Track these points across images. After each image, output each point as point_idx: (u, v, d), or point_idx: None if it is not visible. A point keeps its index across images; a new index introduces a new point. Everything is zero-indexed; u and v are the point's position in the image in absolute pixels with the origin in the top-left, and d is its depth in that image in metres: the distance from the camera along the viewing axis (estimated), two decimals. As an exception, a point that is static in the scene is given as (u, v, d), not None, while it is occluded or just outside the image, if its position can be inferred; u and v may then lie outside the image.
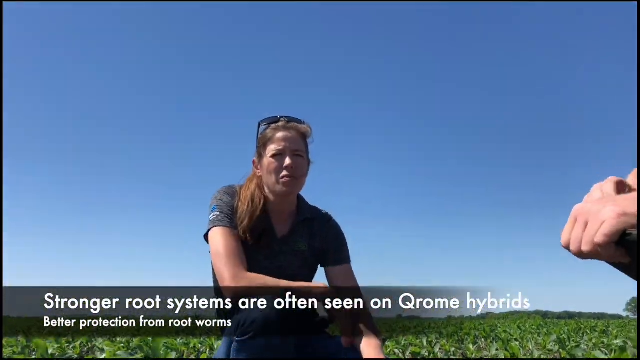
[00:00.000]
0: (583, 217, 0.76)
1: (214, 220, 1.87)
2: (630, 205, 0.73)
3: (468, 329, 12.19)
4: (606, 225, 0.72)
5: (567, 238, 0.78)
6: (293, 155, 1.91)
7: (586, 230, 0.75)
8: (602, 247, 0.73)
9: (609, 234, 0.72)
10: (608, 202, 0.75)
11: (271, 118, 1.99)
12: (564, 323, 21.76)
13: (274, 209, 1.99)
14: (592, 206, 0.76)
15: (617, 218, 0.72)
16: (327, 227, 2.08)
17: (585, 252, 0.75)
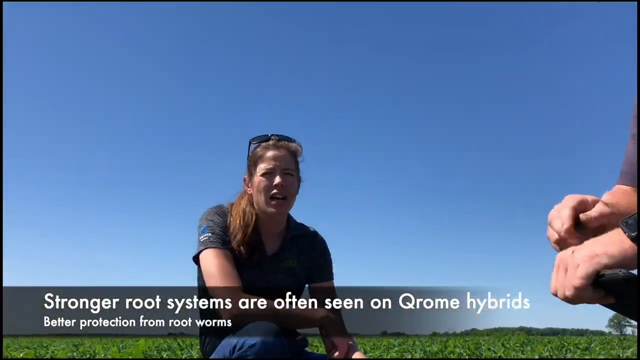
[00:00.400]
0: (563, 265, 0.82)
1: (206, 241, 1.86)
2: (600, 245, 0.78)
3: (452, 346, 12.17)
4: (580, 268, 0.78)
5: (554, 286, 0.84)
6: (283, 174, 1.92)
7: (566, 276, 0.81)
8: (580, 291, 0.78)
9: (583, 276, 0.77)
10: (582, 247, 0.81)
11: (262, 136, 2.01)
12: (547, 340, 21.83)
13: (263, 227, 2.00)
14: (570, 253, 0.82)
15: (588, 260, 0.77)
16: (315, 244, 2.10)
17: (570, 297, 0.81)
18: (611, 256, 0.76)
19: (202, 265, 1.86)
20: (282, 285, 1.99)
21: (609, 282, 0.75)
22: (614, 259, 0.76)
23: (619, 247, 0.77)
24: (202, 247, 1.86)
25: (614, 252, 0.76)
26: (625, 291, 0.75)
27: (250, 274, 1.93)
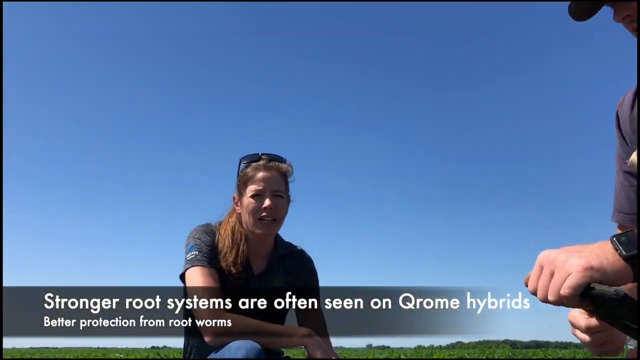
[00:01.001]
0: (549, 267, 0.78)
1: (192, 259, 1.86)
2: (595, 258, 0.75)
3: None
4: (571, 278, 0.74)
5: (534, 285, 0.81)
6: (273, 196, 1.92)
7: (552, 280, 0.77)
8: (566, 299, 0.75)
9: (574, 286, 0.73)
10: (573, 253, 0.77)
11: (252, 156, 2.01)
12: (531, 353, 21.91)
13: (251, 246, 1.99)
14: (557, 255, 0.78)
15: (582, 272, 0.73)
16: (302, 263, 2.10)
17: (552, 302, 0.78)
18: (605, 272, 0.74)
19: (187, 282, 1.85)
20: (267, 305, 1.99)
21: (599, 297, 0.73)
22: (607, 275, 0.74)
23: (612, 264, 0.75)
24: (189, 265, 1.85)
25: (608, 267, 0.74)
26: (613, 308, 0.74)
27: (236, 294, 1.92)
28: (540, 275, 0.79)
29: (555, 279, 0.76)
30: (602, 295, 0.72)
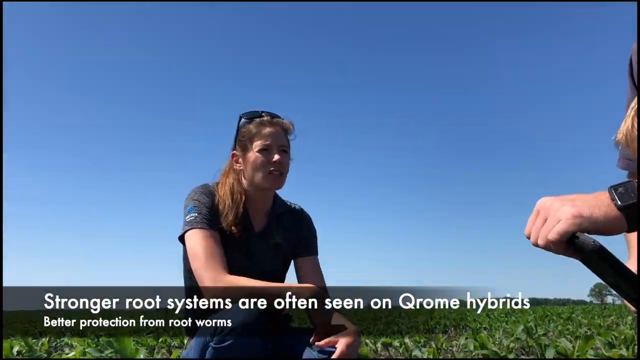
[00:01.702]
0: (544, 213, 0.82)
1: (192, 221, 1.84)
2: (587, 207, 0.78)
3: (438, 317, 12.37)
4: (560, 224, 0.77)
5: (529, 229, 0.85)
6: (279, 151, 1.92)
7: (544, 226, 0.81)
8: (553, 245, 0.79)
9: (561, 232, 0.77)
10: (567, 201, 0.80)
11: (253, 112, 1.98)
12: (531, 310, 22.27)
13: (251, 204, 1.99)
14: (552, 203, 0.81)
15: (571, 219, 0.77)
16: (301, 220, 2.11)
17: (541, 246, 0.82)
18: (595, 221, 0.76)
19: (188, 245, 1.84)
20: (268, 263, 2.00)
21: (580, 246, 0.76)
22: (596, 224, 0.77)
23: (604, 213, 0.77)
24: (188, 227, 1.84)
25: (599, 217, 0.77)
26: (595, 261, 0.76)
27: (238, 252, 1.93)
28: (535, 220, 0.83)
29: (546, 225, 0.80)
30: (583, 244, 0.76)
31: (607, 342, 3.77)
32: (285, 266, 2.08)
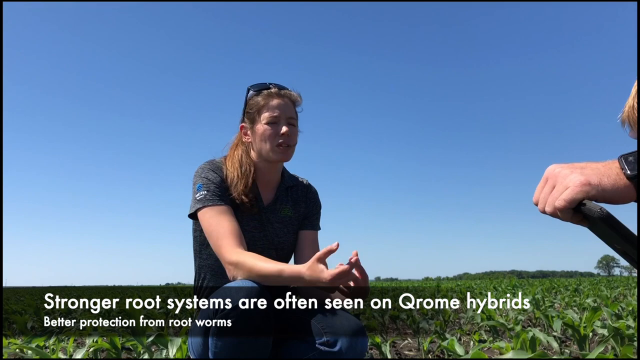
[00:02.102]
0: (552, 180, 0.82)
1: (203, 199, 1.85)
2: (595, 176, 0.78)
3: (445, 290, 12.46)
4: (568, 191, 0.78)
5: (537, 196, 0.86)
6: (288, 123, 1.92)
7: (552, 193, 0.82)
8: (560, 212, 0.80)
9: (568, 200, 0.78)
10: (577, 169, 0.80)
11: (261, 84, 1.98)
12: (538, 282, 22.36)
13: (260, 178, 2.00)
14: (561, 170, 0.82)
15: (579, 186, 0.77)
16: (308, 194, 2.12)
17: (548, 213, 0.83)
18: (603, 189, 0.77)
19: (203, 225, 1.86)
20: (278, 235, 2.01)
21: (587, 213, 0.76)
22: (604, 192, 0.77)
23: (613, 182, 0.77)
24: (200, 206, 1.85)
25: (607, 185, 0.77)
26: (602, 228, 0.77)
27: (248, 224, 1.94)
28: (544, 187, 0.84)
29: (554, 192, 0.81)
30: (590, 211, 0.76)
31: (614, 313, 3.79)
32: (295, 238, 2.09)
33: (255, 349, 1.72)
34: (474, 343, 2.96)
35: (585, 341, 2.94)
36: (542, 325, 4.48)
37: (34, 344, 2.65)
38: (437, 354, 3.14)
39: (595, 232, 0.82)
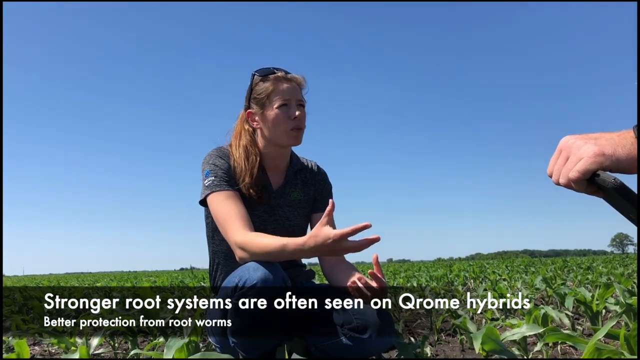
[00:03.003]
0: (566, 151, 0.82)
1: (211, 185, 1.87)
2: (610, 146, 0.77)
3: (457, 270, 12.48)
4: (582, 162, 0.78)
5: (551, 168, 0.85)
6: (298, 105, 1.93)
7: (566, 164, 0.81)
8: (574, 183, 0.79)
9: (582, 171, 0.78)
10: (590, 140, 0.80)
11: (267, 69, 1.97)
12: (550, 261, 22.29)
13: (268, 163, 2.02)
14: (575, 141, 0.81)
15: (593, 157, 0.77)
16: (317, 176, 2.14)
17: (562, 184, 0.83)
18: (617, 160, 0.76)
19: (212, 210, 1.88)
20: (288, 218, 2.03)
21: (601, 183, 0.76)
22: (618, 163, 0.77)
23: (627, 152, 0.77)
24: (208, 192, 1.87)
25: (621, 155, 0.76)
26: (616, 198, 0.77)
27: (258, 209, 1.96)
28: (557, 159, 0.84)
29: (568, 163, 0.81)
30: (604, 182, 0.76)
31: (627, 289, 3.78)
32: (307, 221, 2.12)
33: (272, 326, 1.75)
34: (486, 321, 2.97)
35: (597, 317, 2.94)
36: (555, 303, 4.48)
37: (52, 328, 2.70)
38: (450, 333, 3.15)
39: (610, 202, 0.82)
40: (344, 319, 1.77)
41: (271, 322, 1.74)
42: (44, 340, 2.76)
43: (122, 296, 6.21)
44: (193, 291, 6.94)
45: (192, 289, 7.30)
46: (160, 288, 8.01)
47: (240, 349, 1.80)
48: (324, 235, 1.52)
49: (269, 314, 1.70)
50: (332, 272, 1.98)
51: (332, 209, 1.58)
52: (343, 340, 1.76)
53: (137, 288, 7.47)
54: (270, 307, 1.68)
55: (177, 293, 6.31)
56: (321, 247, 1.54)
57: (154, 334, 3.01)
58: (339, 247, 1.51)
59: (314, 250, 1.57)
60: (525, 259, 34.95)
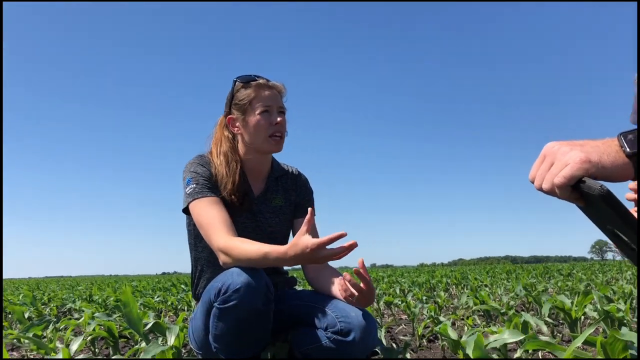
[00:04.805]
0: (550, 157, 0.81)
1: (193, 192, 1.88)
2: (595, 153, 0.77)
3: (440, 276, 12.54)
4: (567, 168, 0.77)
5: (534, 174, 0.84)
6: (279, 112, 1.95)
7: (550, 170, 0.80)
8: (559, 188, 0.78)
9: (568, 177, 0.77)
10: (576, 146, 0.79)
11: (248, 76, 1.99)
12: (532, 268, 22.50)
13: (249, 169, 2.03)
14: (560, 147, 0.80)
15: (579, 164, 0.76)
16: (299, 182, 2.16)
17: (545, 190, 0.81)
18: (603, 167, 0.76)
19: (194, 217, 1.88)
20: (270, 225, 2.04)
21: (587, 190, 0.75)
22: (604, 170, 0.76)
23: (612, 160, 0.77)
24: (191, 199, 1.88)
25: (607, 163, 0.76)
26: (599, 206, 0.75)
27: (241, 215, 1.97)
28: (541, 165, 0.83)
29: (552, 169, 0.80)
30: (590, 188, 0.74)
31: (605, 296, 3.84)
32: (289, 227, 2.13)
33: (255, 330, 1.75)
34: (467, 327, 3.00)
35: (576, 324, 2.98)
36: (535, 309, 4.53)
37: (31, 333, 2.66)
38: (430, 338, 3.17)
39: (589, 212, 0.81)
40: (327, 323, 1.78)
41: (254, 326, 1.74)
42: (22, 346, 2.72)
43: (103, 301, 6.16)
44: (175, 296, 6.90)
45: (174, 294, 7.26)
46: (141, 292, 7.94)
47: (222, 354, 1.80)
48: (303, 244, 1.54)
49: (252, 318, 1.71)
50: (316, 278, 1.99)
51: (310, 217, 1.59)
52: (327, 343, 1.77)
53: (119, 293, 7.41)
54: (253, 312, 1.68)
55: (159, 298, 6.28)
56: (301, 256, 1.55)
57: (135, 339, 2.99)
58: (318, 256, 1.53)
59: (294, 259, 1.58)
60: (506, 265, 35.23)
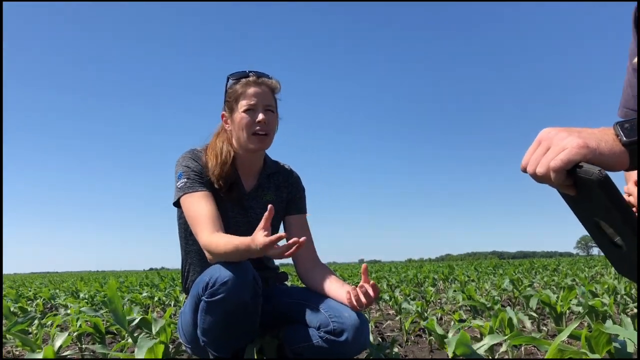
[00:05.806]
0: (547, 142, 0.80)
1: (183, 187, 1.89)
2: (593, 140, 0.76)
3: (427, 271, 12.61)
4: (565, 152, 0.76)
5: (527, 159, 0.82)
6: (265, 110, 1.93)
7: (546, 154, 0.79)
8: (554, 172, 0.77)
9: (565, 160, 0.75)
10: (573, 132, 0.78)
11: (240, 73, 1.99)
12: (518, 263, 22.69)
13: (241, 165, 2.03)
14: (557, 133, 0.79)
15: (577, 148, 0.75)
16: (290, 179, 2.16)
17: (539, 174, 0.80)
18: (600, 154, 0.75)
19: (185, 211, 1.89)
20: (260, 219, 2.04)
21: (584, 174, 0.73)
22: (601, 157, 0.75)
23: (610, 148, 0.76)
24: (181, 193, 1.89)
25: (605, 150, 0.76)
26: (593, 193, 0.74)
27: (232, 210, 1.97)
28: (536, 149, 0.81)
29: (549, 153, 0.78)
30: (587, 173, 0.73)
31: (590, 291, 3.88)
32: (279, 223, 2.13)
33: (243, 324, 1.75)
34: (454, 322, 3.02)
35: (561, 318, 3.02)
36: (522, 304, 4.58)
37: (16, 329, 2.64)
38: (419, 334, 3.19)
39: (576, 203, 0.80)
40: (320, 322, 1.78)
41: (242, 320, 1.74)
42: (7, 342, 2.70)
43: (89, 296, 6.12)
44: (163, 291, 6.86)
45: (161, 289, 7.23)
46: (129, 288, 7.90)
47: (210, 348, 1.80)
48: (256, 240, 1.57)
49: (240, 312, 1.71)
50: (307, 273, 2.00)
51: (269, 215, 1.60)
52: (319, 342, 1.77)
53: (105, 288, 7.36)
54: (241, 305, 1.69)
55: (146, 293, 6.25)
56: (259, 250, 1.57)
57: (122, 334, 2.98)
58: (271, 253, 1.56)
59: (257, 252, 1.59)
60: (493, 260, 35.49)
